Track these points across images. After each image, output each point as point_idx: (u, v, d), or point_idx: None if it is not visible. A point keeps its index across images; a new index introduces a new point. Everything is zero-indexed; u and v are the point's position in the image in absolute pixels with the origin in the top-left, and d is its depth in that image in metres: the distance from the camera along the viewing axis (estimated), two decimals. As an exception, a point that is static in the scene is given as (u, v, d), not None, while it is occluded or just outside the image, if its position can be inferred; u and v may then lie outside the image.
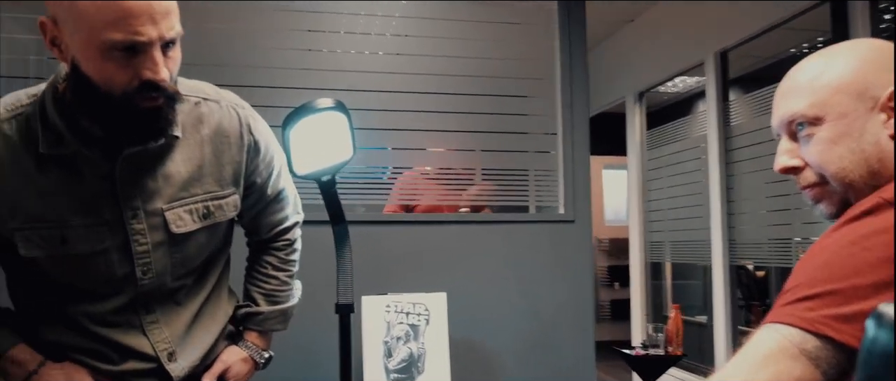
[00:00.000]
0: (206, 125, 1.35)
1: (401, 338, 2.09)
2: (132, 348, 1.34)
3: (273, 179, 1.51)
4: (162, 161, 1.30)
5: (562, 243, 2.50)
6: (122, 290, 1.31)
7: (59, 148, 1.21)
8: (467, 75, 2.61)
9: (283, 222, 1.57)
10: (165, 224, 1.30)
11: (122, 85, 1.12)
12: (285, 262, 1.58)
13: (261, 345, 1.55)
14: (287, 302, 1.58)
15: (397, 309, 2.11)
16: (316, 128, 1.74)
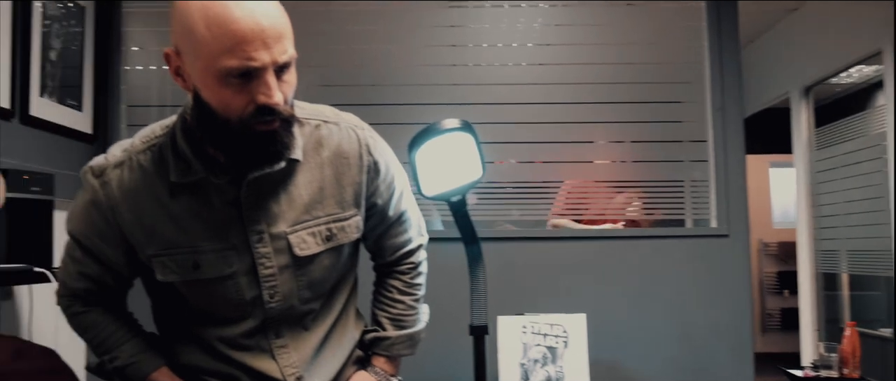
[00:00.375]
0: (326, 148, 1.35)
1: (538, 361, 2.01)
2: (262, 372, 1.35)
3: (394, 201, 1.48)
4: (284, 185, 1.31)
5: (715, 259, 2.31)
6: (252, 314, 1.33)
7: (188, 176, 1.24)
8: (608, 82, 2.50)
9: (407, 244, 1.54)
10: (289, 247, 1.31)
11: (239, 110, 1.14)
12: (410, 286, 1.55)
13: (389, 370, 1.53)
14: (414, 327, 1.54)
15: (534, 330, 2.03)
16: (442, 149, 1.70)
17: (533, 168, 2.56)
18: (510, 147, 2.55)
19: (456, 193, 1.76)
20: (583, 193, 2.57)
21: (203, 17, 1.10)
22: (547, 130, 2.50)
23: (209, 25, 1.09)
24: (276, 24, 1.13)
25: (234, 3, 1.10)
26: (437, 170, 1.73)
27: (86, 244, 1.30)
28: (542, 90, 2.50)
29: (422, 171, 1.71)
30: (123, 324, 1.38)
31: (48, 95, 2.11)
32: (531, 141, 2.51)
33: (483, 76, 2.52)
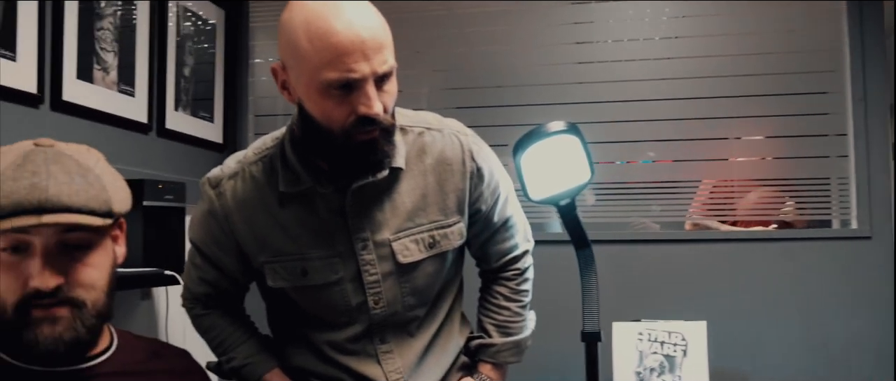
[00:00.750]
0: (429, 155, 1.36)
1: (654, 370, 1.93)
2: (367, 376, 1.38)
3: (499, 207, 1.47)
4: (388, 193, 1.33)
5: (855, 263, 2.12)
6: (358, 319, 1.37)
7: (296, 186, 1.29)
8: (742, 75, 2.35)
9: (512, 250, 1.51)
10: (393, 254, 1.33)
11: (340, 121, 1.17)
12: (516, 292, 1.52)
13: (495, 378, 1.52)
14: (520, 334, 1.52)
15: (651, 338, 1.95)
16: (548, 152, 1.67)
17: (663, 167, 2.45)
18: (639, 146, 2.45)
19: (564, 196, 1.72)
20: (728, 192, 2.42)
21: (306, 31, 1.14)
22: (679, 126, 2.39)
23: (311, 39, 1.13)
24: (376, 36, 1.15)
25: (335, 17, 1.13)
26: (543, 173, 1.70)
27: (205, 251, 1.38)
28: (673, 85, 2.39)
29: (527, 175, 1.69)
30: (240, 326, 1.45)
31: (182, 108, 2.27)
32: (661, 139, 2.41)
33: (610, 73, 2.45)
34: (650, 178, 2.46)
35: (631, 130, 2.42)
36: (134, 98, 2.03)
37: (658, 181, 2.44)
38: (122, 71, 1.98)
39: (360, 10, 1.15)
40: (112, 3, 1.94)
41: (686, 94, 2.38)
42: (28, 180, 0.97)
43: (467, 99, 2.56)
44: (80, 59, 1.82)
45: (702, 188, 2.42)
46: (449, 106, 2.56)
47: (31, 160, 1.00)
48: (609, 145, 2.46)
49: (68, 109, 1.78)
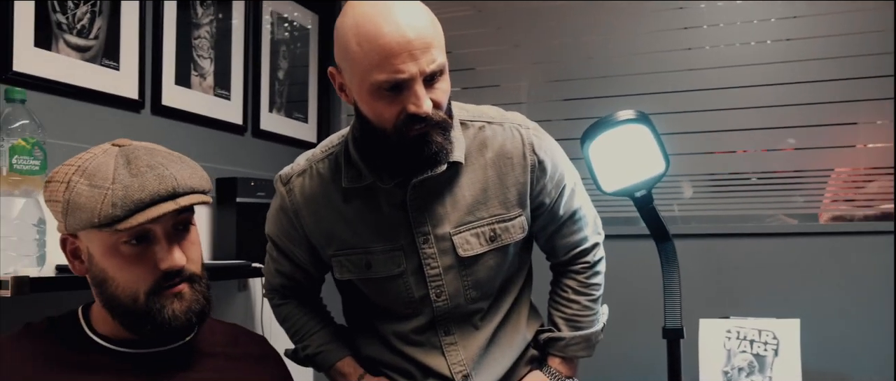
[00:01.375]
0: (489, 149, 1.37)
1: (743, 369, 1.84)
2: (432, 367, 1.41)
3: (565, 200, 1.45)
4: (449, 187, 1.35)
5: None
6: (422, 311, 1.40)
7: (358, 181, 1.34)
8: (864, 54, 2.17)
9: (581, 243, 1.50)
10: (454, 248, 1.35)
11: (392, 120, 1.20)
12: (586, 285, 1.50)
13: (564, 372, 1.50)
14: (590, 328, 1.50)
15: (740, 336, 1.86)
16: (618, 142, 1.63)
17: (781, 157, 2.29)
18: (751, 134, 2.30)
19: (638, 188, 1.68)
20: (859, 181, 2.24)
21: (355, 35, 1.18)
22: (796, 113, 2.24)
23: (360, 42, 1.17)
24: (424, 35, 1.17)
25: (383, 19, 1.16)
26: (613, 164, 1.67)
27: (279, 245, 1.46)
28: (788, 69, 2.24)
29: (597, 165, 1.66)
30: (314, 316, 1.52)
31: (276, 110, 2.39)
32: (775, 126, 2.26)
33: (719, 58, 2.32)
34: (763, 168, 2.31)
35: (742, 118, 2.29)
36: (230, 101, 2.16)
37: (775, 172, 2.29)
38: (218, 76, 2.12)
39: (408, 11, 1.17)
40: (208, 14, 2.08)
41: (803, 77, 2.22)
42: (152, 173, 1.04)
43: (569, 91, 2.50)
44: (178, 67, 1.96)
45: (834, 178, 2.26)
46: (550, 99, 2.53)
47: (134, 157, 1.06)
48: (717, 135, 2.33)
49: (167, 113, 1.93)
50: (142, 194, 1.02)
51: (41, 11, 1.58)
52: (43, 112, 1.56)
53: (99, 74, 1.72)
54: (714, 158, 2.36)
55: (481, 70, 2.62)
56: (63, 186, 1.05)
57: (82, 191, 1.03)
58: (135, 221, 1.02)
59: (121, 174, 1.03)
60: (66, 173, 1.07)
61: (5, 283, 1.31)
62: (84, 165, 1.06)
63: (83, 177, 1.04)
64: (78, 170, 1.06)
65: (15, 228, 1.42)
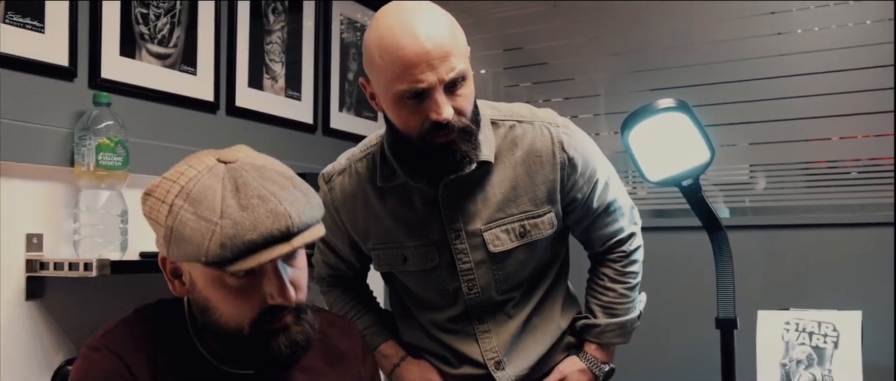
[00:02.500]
0: (519, 147, 1.41)
1: (801, 362, 1.80)
2: (466, 354, 1.48)
3: (598, 193, 1.48)
4: (480, 185, 1.40)
5: None
6: (455, 303, 1.46)
7: (392, 180, 1.41)
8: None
9: (617, 234, 1.53)
10: (484, 244, 1.41)
11: (416, 127, 1.26)
12: (622, 274, 1.53)
13: (600, 358, 1.53)
14: (626, 315, 1.53)
15: (798, 328, 1.82)
16: (659, 131, 1.65)
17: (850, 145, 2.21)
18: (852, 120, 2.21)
19: (684, 176, 1.69)
20: None
21: (378, 47, 1.24)
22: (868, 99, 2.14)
23: (382, 55, 1.23)
24: (442, 45, 1.22)
25: (402, 32, 1.21)
26: (656, 153, 1.68)
27: (325, 238, 1.52)
28: (865, 54, 2.16)
29: (639, 154, 1.68)
30: (359, 302, 1.61)
31: (346, 109, 2.52)
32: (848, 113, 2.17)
33: (809, 42, 2.25)
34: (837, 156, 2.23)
35: (821, 106, 2.22)
36: (300, 102, 2.30)
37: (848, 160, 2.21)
38: (289, 79, 2.26)
39: (428, 21, 1.23)
40: (279, 21, 2.23)
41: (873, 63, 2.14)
42: (264, 208, 0.96)
43: (649, 81, 2.46)
44: (250, 71, 2.11)
45: None
46: (630, 90, 2.52)
47: (243, 183, 0.98)
48: (793, 123, 2.27)
49: (241, 114, 2.08)
50: (254, 234, 0.94)
51: (126, 24, 1.76)
52: (127, 114, 1.74)
53: (178, 79, 1.89)
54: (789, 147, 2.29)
55: (555, 64, 2.64)
56: (165, 208, 0.98)
57: (187, 221, 0.96)
58: (246, 265, 0.95)
59: (230, 206, 0.96)
60: (167, 192, 0.99)
61: (90, 265, 1.48)
62: (188, 187, 0.98)
63: (188, 203, 0.96)
64: (181, 192, 0.98)
65: (101, 217, 1.60)
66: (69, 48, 1.63)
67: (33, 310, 1.57)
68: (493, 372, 1.46)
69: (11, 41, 1.52)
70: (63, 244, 1.62)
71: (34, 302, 1.57)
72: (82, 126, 1.61)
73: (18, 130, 1.54)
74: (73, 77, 1.65)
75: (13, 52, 1.53)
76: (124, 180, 1.64)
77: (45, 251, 1.58)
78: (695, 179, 1.72)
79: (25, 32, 1.55)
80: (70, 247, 1.61)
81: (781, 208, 2.29)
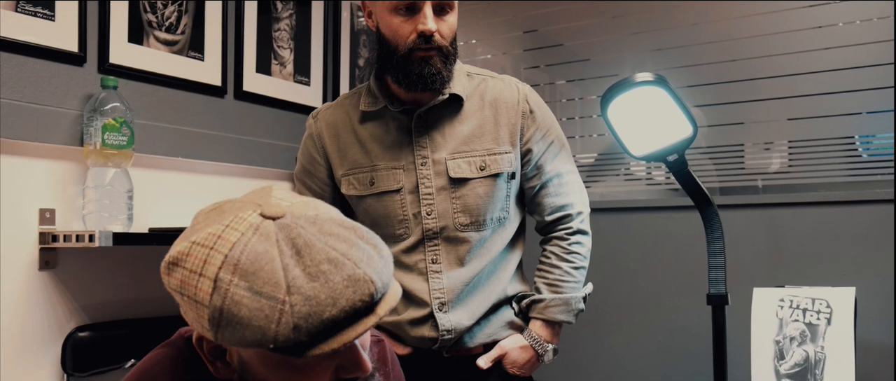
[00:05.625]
0: (489, 94, 1.59)
1: (795, 339, 1.78)
2: (414, 293, 1.55)
3: (552, 157, 1.61)
4: (450, 120, 1.57)
5: None
6: (413, 231, 1.56)
7: (374, 105, 1.59)
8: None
9: (565, 208, 1.61)
10: (447, 171, 1.54)
11: (405, 37, 1.47)
12: (569, 252, 1.60)
13: (544, 336, 1.57)
14: (571, 293, 1.57)
15: (793, 305, 1.81)
16: (638, 105, 1.67)
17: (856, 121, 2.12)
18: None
19: (669, 152, 1.71)
20: None
21: None
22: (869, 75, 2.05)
23: None
24: None
25: None
26: (638, 128, 1.71)
27: (303, 163, 1.69)
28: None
29: (620, 129, 1.70)
30: None
31: (357, 94, 2.59)
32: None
33: (842, 13, 2.16)
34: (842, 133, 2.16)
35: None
36: (309, 87, 2.38)
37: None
38: (297, 64, 2.34)
39: None
40: (288, 8, 2.30)
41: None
42: (339, 275, 0.78)
43: (675, 60, 2.40)
44: (259, 57, 2.20)
45: None
46: (649, 70, 2.38)
47: (304, 245, 0.79)
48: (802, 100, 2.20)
49: (249, 98, 2.17)
50: (334, 310, 0.77)
51: (134, 12, 1.86)
52: (136, 98, 1.84)
53: (185, 64, 1.98)
54: (795, 124, 2.24)
55: (597, 60, 2.60)
56: (206, 284, 0.77)
57: (242, 300, 0.76)
58: (328, 347, 0.77)
59: (296, 277, 0.77)
60: (205, 262, 0.78)
61: (94, 236, 1.59)
62: (234, 255, 0.77)
63: (238, 277, 0.76)
64: (226, 263, 0.77)
65: (107, 193, 1.70)
66: (79, 35, 1.74)
67: (46, 280, 1.68)
68: (436, 312, 1.53)
69: (24, 29, 1.64)
70: (74, 219, 1.73)
71: (47, 272, 1.68)
72: (90, 108, 1.71)
73: (32, 112, 1.65)
74: (82, 62, 1.76)
75: (26, 39, 1.64)
76: (130, 159, 1.74)
77: (57, 225, 1.69)
78: (680, 155, 1.74)
79: (37, 21, 1.66)
80: (80, 221, 1.72)
81: (779, 187, 2.26)
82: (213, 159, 2.05)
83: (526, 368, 1.57)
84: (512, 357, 1.56)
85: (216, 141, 2.07)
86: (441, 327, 1.53)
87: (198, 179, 2.02)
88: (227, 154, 2.10)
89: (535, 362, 1.57)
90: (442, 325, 1.53)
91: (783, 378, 1.80)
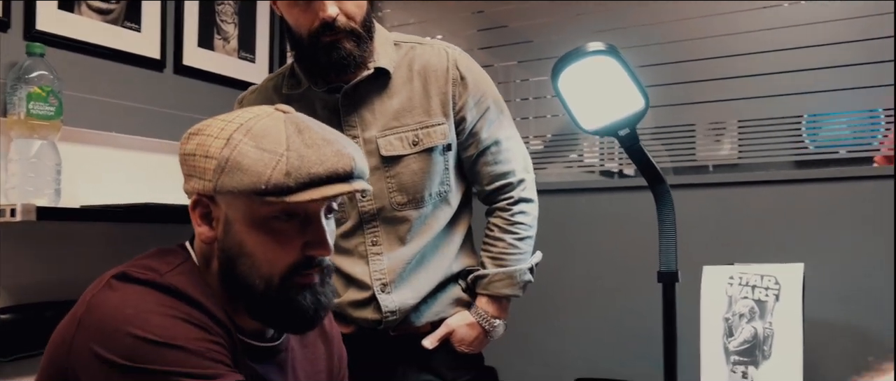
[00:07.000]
0: (417, 63, 1.51)
1: (744, 315, 1.78)
2: (353, 276, 1.49)
3: (488, 124, 1.54)
4: (378, 95, 1.49)
5: None
6: (349, 215, 1.49)
7: (297, 88, 1.51)
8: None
9: (505, 176, 1.55)
10: (378, 149, 1.47)
11: (307, 27, 1.39)
12: (512, 223, 1.55)
13: (491, 312, 1.53)
14: (515, 265, 1.53)
15: (742, 282, 1.80)
16: (589, 77, 1.63)
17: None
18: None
19: (620, 126, 1.67)
20: None
21: None
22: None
23: None
24: None
25: None
26: (589, 101, 1.67)
27: None
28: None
29: (571, 101, 1.67)
30: None
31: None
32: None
33: None
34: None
35: None
36: (254, 64, 2.30)
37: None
38: (242, 40, 2.26)
39: None
40: (232, -18, 2.23)
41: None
42: (329, 148, 0.95)
43: (635, 59, 2.33)
44: (201, 30, 2.11)
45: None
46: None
47: (305, 127, 0.97)
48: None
49: (190, 73, 2.08)
50: (320, 168, 0.93)
51: (64, -22, 1.76)
52: (65, 68, 1.74)
53: (120, 35, 1.89)
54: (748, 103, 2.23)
55: (540, 42, 2.58)
56: (220, 142, 0.95)
57: (248, 152, 0.93)
58: (307, 196, 0.93)
59: (294, 142, 0.94)
60: (222, 129, 0.97)
61: (15, 210, 1.49)
62: (248, 124, 0.96)
63: (248, 137, 0.95)
64: (241, 128, 0.96)
65: (32, 165, 1.60)
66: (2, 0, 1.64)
67: (-34, 258, 1.58)
68: (378, 294, 1.47)
69: (-60, -10, 1.53)
70: (-3, 193, 1.63)
71: (-34, 250, 1.58)
72: (14, 76, 1.61)
73: (-52, 78, 1.55)
74: (6, 28, 1.66)
75: (-58, 1, 1.54)
76: (58, 131, 1.65)
77: (-23, 200, 1.59)
78: (632, 129, 1.71)
79: (-46, -18, 1.56)
80: (2, 195, 1.62)
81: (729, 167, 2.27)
82: (150, 135, 1.96)
83: (474, 345, 1.52)
84: (459, 335, 1.51)
85: (154, 116, 1.98)
86: (385, 308, 1.48)
87: (134, 155, 1.93)
88: (166, 131, 2.00)
89: (483, 338, 1.53)
90: (385, 306, 1.48)
91: (732, 355, 1.79)
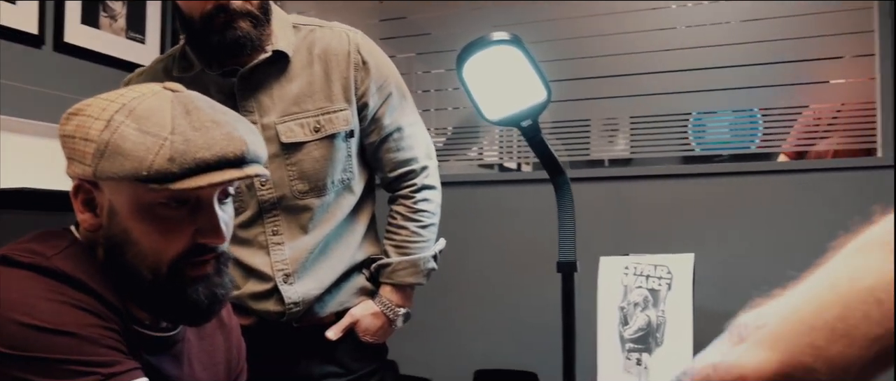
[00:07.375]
0: (317, 47, 1.47)
1: (638, 304, 1.84)
2: (254, 267, 1.44)
3: (391, 110, 1.51)
4: (277, 80, 1.44)
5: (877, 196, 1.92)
6: (249, 204, 1.44)
7: (188, 71, 1.44)
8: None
9: (408, 163, 1.53)
10: (277, 136, 1.42)
11: (199, 10, 1.33)
12: (415, 211, 1.53)
13: (396, 301, 1.52)
14: (419, 253, 1.52)
15: (636, 272, 1.86)
16: (494, 67, 1.64)
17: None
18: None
19: (522, 117, 1.69)
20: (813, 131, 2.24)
21: None
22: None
23: None
24: None
25: None
26: (493, 91, 1.68)
27: None
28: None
29: (475, 90, 1.67)
30: None
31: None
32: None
33: None
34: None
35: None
36: (144, 45, 2.18)
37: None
38: (131, 19, 2.13)
39: None
40: (120, -44, 2.10)
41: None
42: (218, 131, 0.89)
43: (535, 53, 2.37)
44: (84, 6, 1.98)
45: (805, 116, 2.26)
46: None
47: (194, 107, 0.90)
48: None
49: (72, 51, 1.95)
50: (207, 153, 0.86)
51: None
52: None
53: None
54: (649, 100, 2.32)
55: (438, 35, 2.57)
56: (100, 124, 0.88)
57: (129, 135, 0.86)
58: (192, 183, 0.86)
59: (180, 124, 0.88)
60: (103, 109, 0.89)
61: None
62: (131, 104, 0.89)
63: (130, 119, 0.87)
64: (123, 109, 0.88)
65: None
66: None
67: None
68: (281, 285, 1.43)
69: None
70: None
71: None
72: None
73: None
74: None
75: None
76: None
77: None
78: (534, 120, 1.73)
79: None
80: None
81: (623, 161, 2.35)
82: (26, 117, 1.82)
83: (378, 335, 1.50)
84: (363, 325, 1.48)
85: (31, 96, 1.84)
86: (288, 300, 1.43)
87: (8, 138, 1.78)
88: (44, 112, 1.86)
89: (387, 328, 1.50)
90: (288, 298, 1.43)
91: (627, 343, 1.84)
